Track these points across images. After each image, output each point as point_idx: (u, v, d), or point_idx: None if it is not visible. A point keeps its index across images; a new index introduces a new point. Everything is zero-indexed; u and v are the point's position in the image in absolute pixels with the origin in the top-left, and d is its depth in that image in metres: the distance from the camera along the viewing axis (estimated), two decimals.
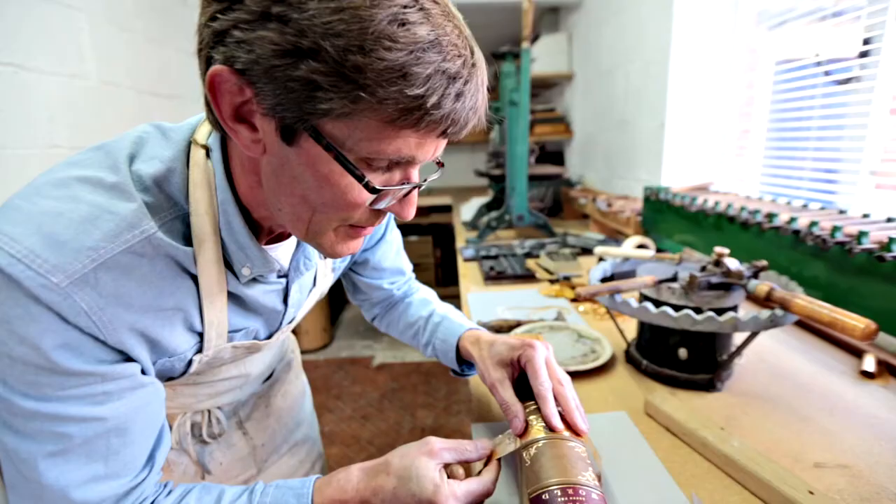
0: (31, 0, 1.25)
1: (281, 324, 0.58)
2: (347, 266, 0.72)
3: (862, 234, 0.79)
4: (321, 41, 0.31)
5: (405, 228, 3.85)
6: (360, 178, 0.37)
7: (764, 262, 0.78)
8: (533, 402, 0.54)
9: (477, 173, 2.52)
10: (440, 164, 0.49)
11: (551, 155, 3.06)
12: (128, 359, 0.42)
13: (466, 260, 1.60)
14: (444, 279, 3.99)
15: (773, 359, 0.83)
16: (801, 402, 0.69)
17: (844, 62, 1.11)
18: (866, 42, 1.04)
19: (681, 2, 1.50)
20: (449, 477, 0.46)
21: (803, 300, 0.65)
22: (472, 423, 0.67)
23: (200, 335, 0.48)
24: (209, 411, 0.64)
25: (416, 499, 0.44)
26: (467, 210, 2.31)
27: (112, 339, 0.39)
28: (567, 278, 1.31)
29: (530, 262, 1.50)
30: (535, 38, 2.75)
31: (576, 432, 0.50)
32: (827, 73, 1.16)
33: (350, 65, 0.32)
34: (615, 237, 1.75)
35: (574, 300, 1.17)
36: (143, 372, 0.44)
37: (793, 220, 0.95)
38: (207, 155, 0.44)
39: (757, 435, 0.62)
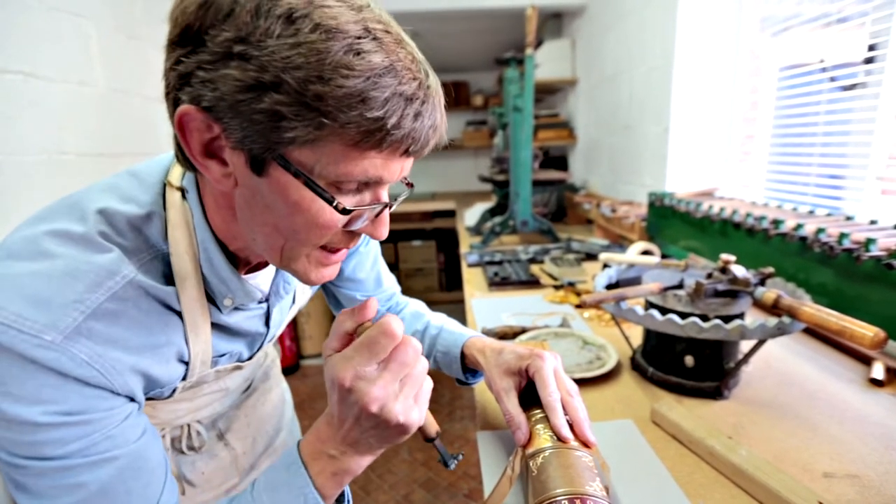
0: (40, 8, 1.26)
1: (263, 343, 0.60)
2: None
3: (870, 241, 0.79)
4: (282, 74, 0.33)
5: (408, 233, 3.85)
6: (329, 201, 0.38)
7: (770, 269, 0.78)
8: (540, 411, 0.54)
9: (481, 178, 2.53)
10: (410, 185, 0.50)
11: (555, 160, 3.06)
12: (130, 399, 0.42)
13: (471, 265, 1.60)
14: (447, 284, 3.99)
15: (781, 366, 0.82)
16: (809, 411, 0.69)
17: (849, 68, 1.11)
18: (871, 48, 1.04)
19: (684, 7, 1.50)
20: None
21: (811, 308, 0.65)
22: (477, 432, 0.67)
23: (186, 363, 0.49)
24: (188, 425, 0.64)
25: (332, 383, 0.42)
26: (471, 215, 2.31)
27: (119, 383, 0.40)
28: (571, 284, 1.31)
29: (534, 268, 1.50)
30: (538, 44, 2.76)
31: (584, 443, 0.49)
32: (832, 79, 1.16)
33: (311, 94, 0.33)
34: (619, 243, 1.75)
35: (579, 306, 1.16)
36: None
37: (799, 226, 0.94)
38: (183, 196, 0.45)
39: (765, 444, 0.62)
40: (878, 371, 0.77)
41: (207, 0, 0.34)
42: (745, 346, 0.73)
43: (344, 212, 0.39)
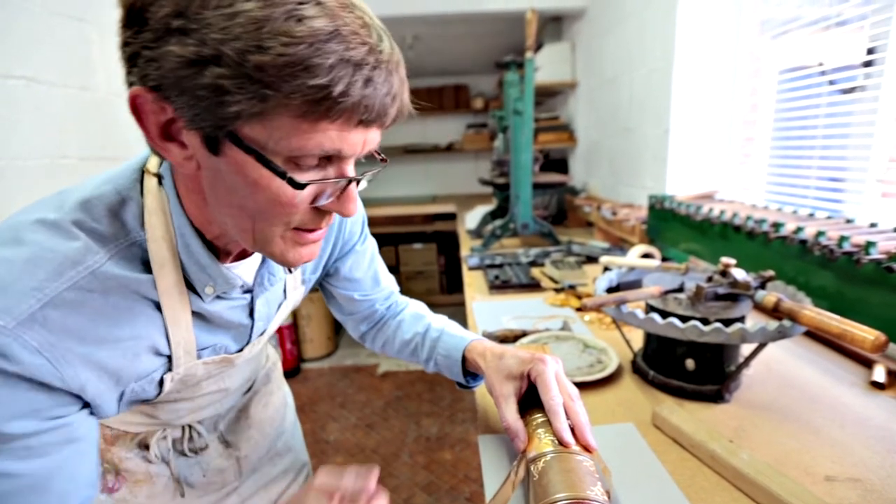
0: (42, 13, 1.27)
1: (250, 337, 0.58)
2: (319, 277, 0.72)
3: (870, 244, 0.79)
4: (220, 46, 0.32)
5: (409, 236, 3.86)
6: (282, 175, 0.37)
7: (771, 273, 0.78)
8: (541, 414, 0.54)
9: (481, 181, 2.53)
10: (384, 160, 0.47)
11: (555, 163, 3.06)
12: (70, 406, 0.41)
13: (471, 268, 1.60)
14: (448, 287, 3.99)
15: (782, 369, 0.82)
16: (810, 414, 0.69)
17: (849, 71, 1.11)
18: (871, 51, 1.04)
19: (684, 10, 1.51)
20: None
21: (812, 311, 0.65)
22: (478, 436, 0.67)
23: (168, 356, 0.49)
24: (190, 426, 0.64)
25: None
26: (472, 218, 2.31)
27: (68, 375, 0.39)
28: (572, 287, 1.31)
29: (535, 271, 1.50)
30: (538, 47, 2.77)
31: (585, 447, 0.50)
32: (832, 82, 1.16)
33: (251, 65, 0.32)
34: (620, 245, 1.75)
35: (580, 309, 1.17)
36: (93, 412, 0.44)
37: (799, 229, 0.95)
38: (160, 183, 0.45)
39: (766, 447, 0.62)
40: (879, 374, 0.77)
41: None
42: (746, 349, 0.73)
43: (298, 186, 0.37)
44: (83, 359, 0.40)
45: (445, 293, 3.97)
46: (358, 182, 0.42)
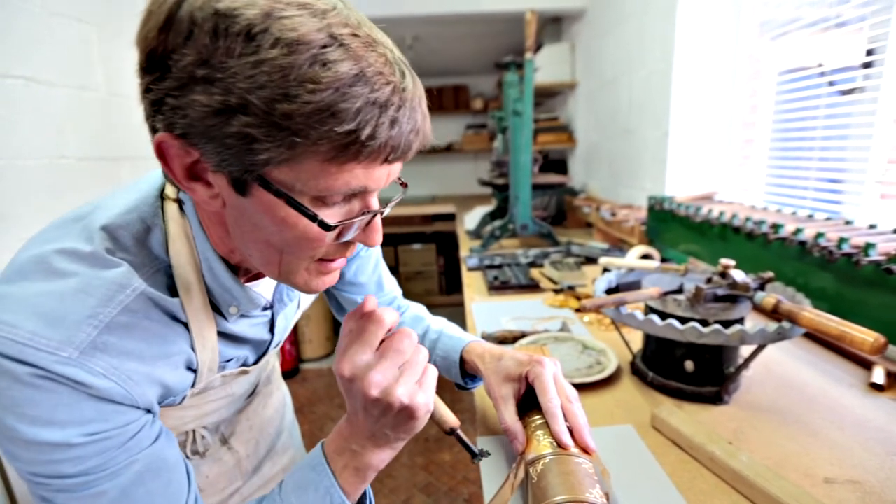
0: (42, 14, 1.27)
1: (268, 349, 0.60)
2: None
3: (869, 245, 0.79)
4: (247, 95, 0.32)
5: (409, 237, 3.86)
6: (312, 218, 0.37)
7: (770, 274, 0.78)
8: (540, 416, 0.54)
9: (480, 182, 2.53)
10: (404, 185, 0.48)
11: (555, 163, 3.07)
12: (147, 411, 0.43)
13: (470, 269, 1.60)
14: (447, 287, 3.99)
15: (781, 371, 0.82)
16: (809, 416, 0.69)
17: (848, 72, 1.11)
18: (870, 52, 1.04)
19: (683, 12, 1.51)
20: None
21: (811, 313, 0.65)
22: (477, 437, 0.67)
23: (194, 371, 0.50)
24: (193, 431, 0.65)
25: (338, 379, 0.45)
26: (471, 219, 2.31)
27: (137, 394, 0.40)
28: (571, 288, 1.31)
29: (534, 272, 1.50)
30: (538, 48, 2.77)
31: (584, 449, 0.49)
32: (831, 83, 1.16)
33: (279, 113, 0.32)
34: (619, 246, 1.75)
35: (579, 310, 1.17)
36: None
37: (799, 230, 0.95)
38: (181, 208, 0.46)
39: (765, 449, 0.62)
40: (878, 376, 0.77)
41: (167, 23, 0.33)
42: (746, 350, 0.73)
43: (328, 227, 0.38)
44: (147, 378, 0.41)
45: (444, 294, 3.97)
46: (382, 213, 0.43)
